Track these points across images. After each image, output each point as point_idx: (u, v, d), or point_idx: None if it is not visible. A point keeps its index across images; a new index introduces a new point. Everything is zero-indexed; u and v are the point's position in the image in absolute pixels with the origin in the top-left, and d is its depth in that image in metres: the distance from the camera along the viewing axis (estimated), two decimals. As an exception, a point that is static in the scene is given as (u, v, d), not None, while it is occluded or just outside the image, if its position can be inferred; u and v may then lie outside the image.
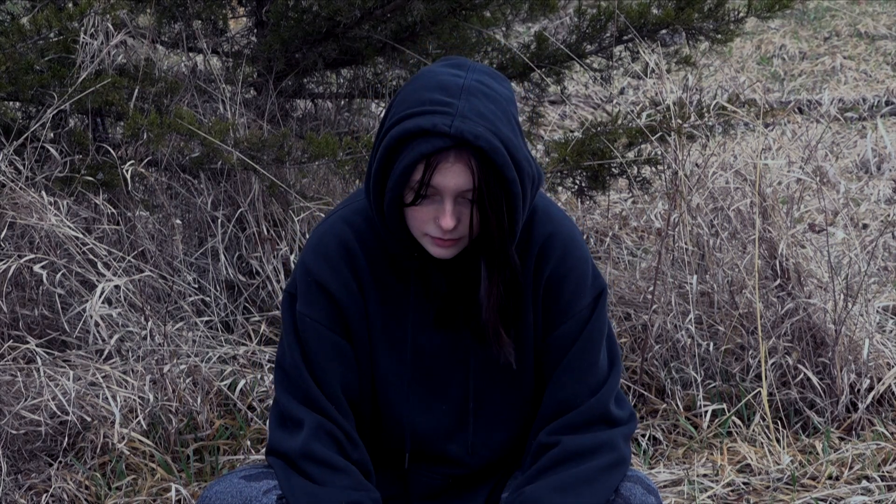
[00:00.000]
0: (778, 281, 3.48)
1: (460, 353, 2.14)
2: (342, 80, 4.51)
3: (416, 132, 1.93)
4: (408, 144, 1.94)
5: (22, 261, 3.34)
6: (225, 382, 3.45)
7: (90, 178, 3.59)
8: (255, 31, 4.31)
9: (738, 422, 3.38)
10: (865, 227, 4.98)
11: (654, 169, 4.24)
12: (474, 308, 2.09)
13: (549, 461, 2.09)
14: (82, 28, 3.51)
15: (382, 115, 2.04)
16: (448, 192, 1.96)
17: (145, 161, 3.73)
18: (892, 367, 3.45)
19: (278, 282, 3.88)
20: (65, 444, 3.18)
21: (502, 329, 2.09)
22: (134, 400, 3.23)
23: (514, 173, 1.94)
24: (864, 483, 3.12)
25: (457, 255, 2.06)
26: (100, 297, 3.29)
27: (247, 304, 3.93)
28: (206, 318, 3.75)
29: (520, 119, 2.04)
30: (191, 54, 4.19)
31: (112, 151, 3.70)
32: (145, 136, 3.60)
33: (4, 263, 3.31)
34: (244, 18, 4.52)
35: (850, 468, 3.18)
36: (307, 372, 2.10)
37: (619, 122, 4.06)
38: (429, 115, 1.92)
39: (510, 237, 2.01)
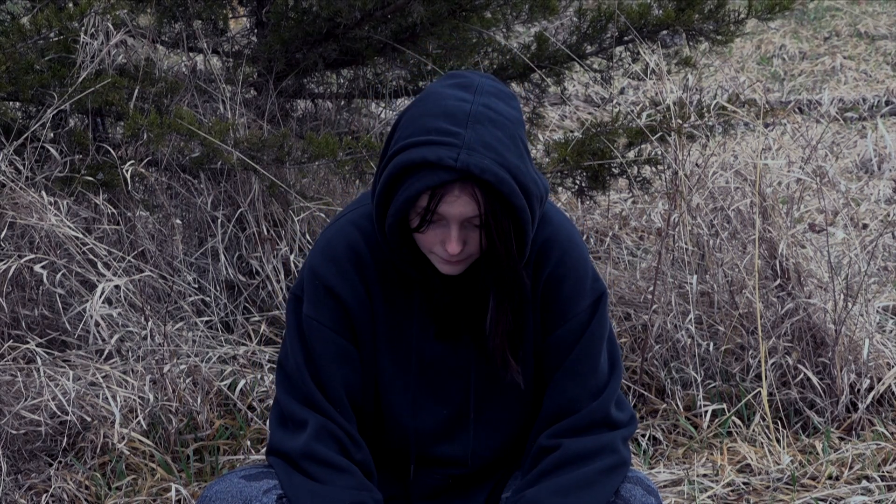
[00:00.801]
0: (778, 281, 3.48)
1: (462, 360, 2.14)
2: (342, 81, 4.51)
3: (421, 164, 1.90)
4: (412, 175, 1.91)
5: (22, 261, 3.34)
6: (225, 382, 3.45)
7: (90, 178, 3.59)
8: (256, 31, 4.31)
9: (738, 422, 3.38)
10: (865, 227, 4.97)
11: (654, 169, 4.24)
12: (477, 321, 2.09)
13: (550, 464, 2.09)
14: (82, 28, 3.51)
15: (388, 134, 2.01)
16: (454, 220, 1.95)
17: (145, 161, 3.73)
18: (892, 367, 3.45)
19: (278, 282, 3.88)
20: (65, 444, 3.18)
21: (510, 354, 2.09)
22: (134, 400, 3.23)
23: (523, 200, 1.93)
24: (864, 483, 3.11)
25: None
26: (100, 297, 3.29)
27: (247, 304, 3.93)
28: (206, 318, 3.75)
29: (521, 119, 2.03)
30: (191, 54, 4.18)
31: (112, 151, 3.70)
32: (145, 136, 3.60)
33: (4, 263, 3.31)
34: (244, 18, 4.52)
35: (850, 468, 3.18)
36: (309, 374, 2.10)
37: (619, 122, 4.05)
38: (434, 147, 1.89)
39: (519, 259, 2.00)
